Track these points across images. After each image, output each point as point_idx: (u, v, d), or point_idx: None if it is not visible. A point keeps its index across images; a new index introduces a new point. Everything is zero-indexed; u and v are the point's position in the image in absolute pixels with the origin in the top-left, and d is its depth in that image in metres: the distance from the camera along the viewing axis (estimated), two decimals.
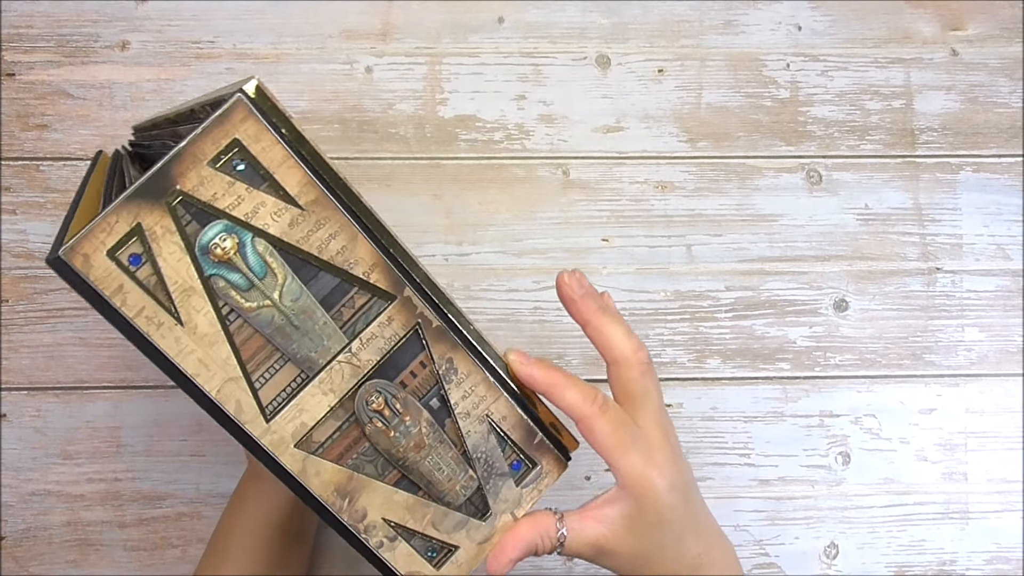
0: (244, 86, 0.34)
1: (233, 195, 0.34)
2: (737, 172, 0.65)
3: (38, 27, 0.63)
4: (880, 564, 0.63)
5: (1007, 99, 0.65)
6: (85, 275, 0.33)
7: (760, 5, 0.66)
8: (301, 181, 0.35)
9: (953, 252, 0.64)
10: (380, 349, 0.37)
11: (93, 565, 0.61)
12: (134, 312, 0.34)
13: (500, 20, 0.65)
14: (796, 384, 0.64)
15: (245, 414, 0.36)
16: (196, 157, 0.33)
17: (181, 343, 0.34)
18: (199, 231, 0.34)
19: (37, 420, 0.61)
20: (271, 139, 0.34)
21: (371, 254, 0.36)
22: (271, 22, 0.64)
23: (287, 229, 0.35)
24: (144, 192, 0.33)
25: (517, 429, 0.40)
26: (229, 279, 0.35)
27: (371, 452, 0.38)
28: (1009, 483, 0.63)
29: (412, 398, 0.38)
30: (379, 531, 0.38)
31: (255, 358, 0.36)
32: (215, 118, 0.33)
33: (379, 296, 0.37)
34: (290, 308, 0.36)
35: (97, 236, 0.33)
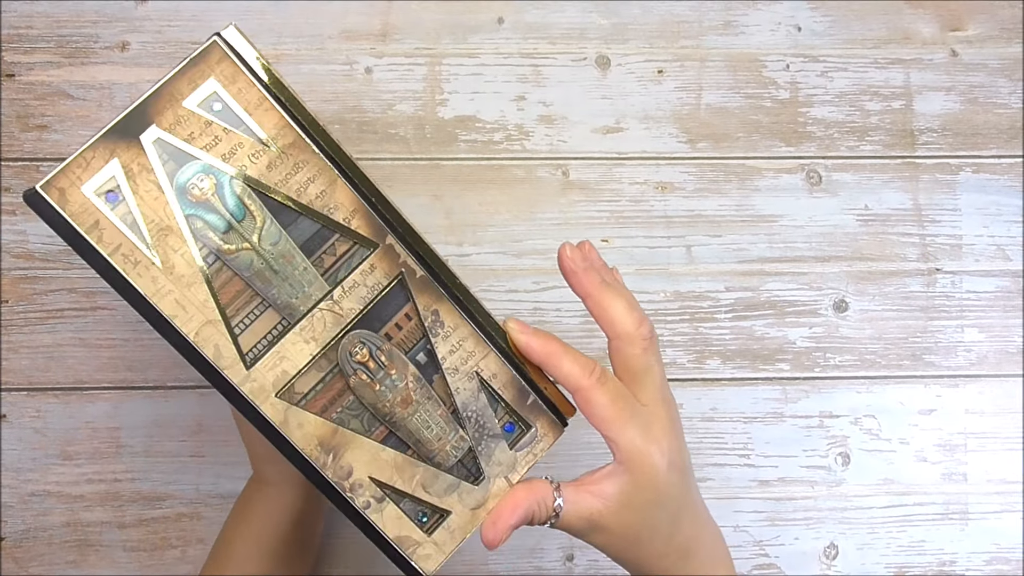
0: (222, 30, 0.34)
1: (210, 135, 0.34)
2: (737, 173, 0.65)
3: (38, 28, 0.63)
4: (880, 565, 0.63)
5: (1007, 100, 0.65)
6: (60, 209, 0.33)
7: (760, 6, 0.66)
8: (278, 124, 0.35)
9: (953, 253, 0.64)
10: (363, 298, 0.36)
11: (93, 566, 0.61)
12: (110, 249, 0.33)
13: (500, 21, 0.65)
14: (796, 385, 0.64)
15: (224, 359, 0.35)
16: (173, 96, 0.33)
17: (158, 283, 0.34)
18: (176, 171, 0.34)
19: (37, 421, 0.61)
20: (247, 80, 0.34)
21: (351, 200, 0.36)
22: (271, 22, 0.64)
23: (265, 171, 0.35)
24: (121, 130, 0.33)
25: (509, 388, 0.38)
26: (207, 220, 0.34)
27: (356, 406, 0.37)
28: (1009, 484, 0.63)
29: (398, 351, 0.37)
30: (366, 490, 0.37)
31: (235, 303, 0.35)
32: (191, 58, 0.33)
33: (361, 243, 0.36)
34: (269, 252, 0.35)
35: (73, 171, 0.33)
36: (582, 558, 0.62)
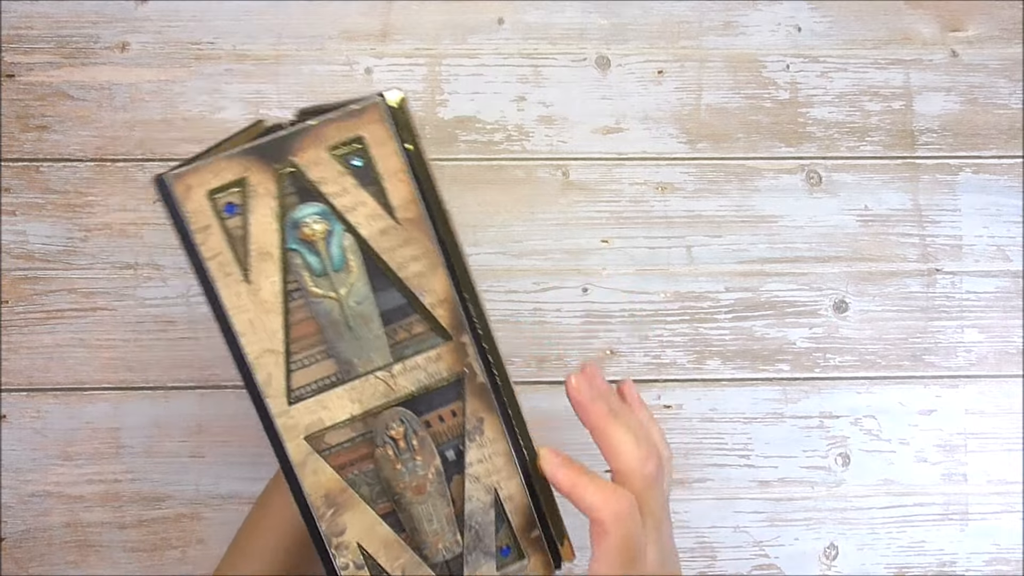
0: (387, 93, 0.35)
1: (339, 185, 0.35)
2: (737, 173, 0.65)
3: (38, 28, 0.63)
4: (880, 565, 0.63)
5: (1007, 100, 0.65)
6: (181, 203, 0.34)
7: (760, 6, 0.66)
8: (406, 197, 0.35)
9: (953, 253, 0.64)
10: (419, 381, 0.37)
11: (93, 566, 0.61)
12: (210, 254, 0.34)
13: (500, 21, 0.65)
14: (796, 385, 0.64)
15: (271, 388, 0.36)
16: (319, 139, 0.34)
17: (240, 299, 0.35)
18: (296, 205, 0.35)
19: (37, 421, 0.61)
20: (394, 148, 0.35)
21: (444, 289, 0.36)
22: (271, 23, 0.64)
23: (377, 235, 0.35)
24: (261, 151, 0.34)
25: (519, 515, 0.39)
26: (307, 259, 0.35)
27: (372, 475, 0.37)
28: (1009, 484, 0.63)
29: (431, 441, 0.37)
30: (349, 554, 0.37)
31: (301, 342, 0.36)
32: (349, 110, 0.34)
33: (437, 331, 0.37)
34: (352, 308, 0.36)
35: (206, 173, 0.34)
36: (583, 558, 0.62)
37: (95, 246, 0.62)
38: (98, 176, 0.63)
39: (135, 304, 0.62)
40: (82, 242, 0.62)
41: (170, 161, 0.63)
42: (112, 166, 0.63)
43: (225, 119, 0.63)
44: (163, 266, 0.62)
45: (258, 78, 0.64)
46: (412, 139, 0.35)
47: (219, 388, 0.62)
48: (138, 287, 0.62)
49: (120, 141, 0.63)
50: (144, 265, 0.62)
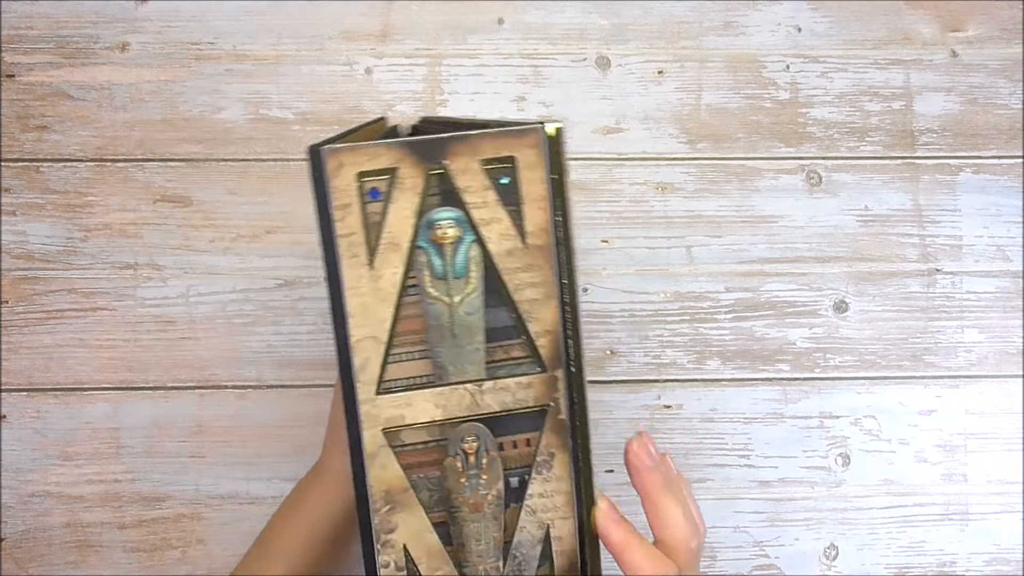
0: (547, 123, 0.36)
1: (481, 198, 0.36)
2: (737, 173, 0.65)
3: (38, 28, 0.63)
4: (880, 565, 0.63)
5: (1007, 100, 0.65)
6: (329, 178, 0.35)
7: (760, 6, 0.66)
8: (541, 225, 0.36)
9: (953, 253, 0.64)
10: (504, 403, 0.37)
11: (93, 566, 0.61)
12: (344, 232, 0.35)
13: (500, 21, 0.65)
14: (796, 385, 0.64)
15: (365, 374, 0.36)
16: (474, 149, 0.35)
17: (360, 282, 0.35)
18: (435, 207, 0.36)
19: (37, 421, 0.61)
20: (541, 176, 0.36)
21: (553, 321, 0.37)
22: (271, 23, 0.64)
23: (503, 254, 0.36)
24: (419, 148, 0.35)
25: (563, 557, 0.39)
26: (432, 260, 0.36)
27: (436, 483, 0.38)
28: (1009, 484, 0.63)
29: (499, 464, 0.38)
30: (393, 553, 0.38)
31: (404, 337, 0.36)
32: (510, 130, 0.35)
33: (535, 360, 0.37)
34: (460, 317, 0.36)
35: (360, 155, 0.35)
36: None
37: (95, 246, 0.62)
38: (98, 176, 0.63)
39: (135, 304, 0.62)
40: (82, 242, 0.62)
41: (170, 161, 0.63)
42: (112, 166, 0.63)
43: (225, 119, 0.63)
44: (163, 266, 0.62)
45: (258, 78, 0.64)
46: (560, 171, 0.36)
47: (219, 388, 0.62)
48: (138, 287, 0.62)
49: (120, 141, 0.63)
50: (144, 265, 0.62)
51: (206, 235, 0.63)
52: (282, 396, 0.62)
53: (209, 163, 0.63)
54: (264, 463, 0.62)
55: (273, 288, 0.62)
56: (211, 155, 0.63)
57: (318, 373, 0.62)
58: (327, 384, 0.62)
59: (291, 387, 0.62)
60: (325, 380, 0.62)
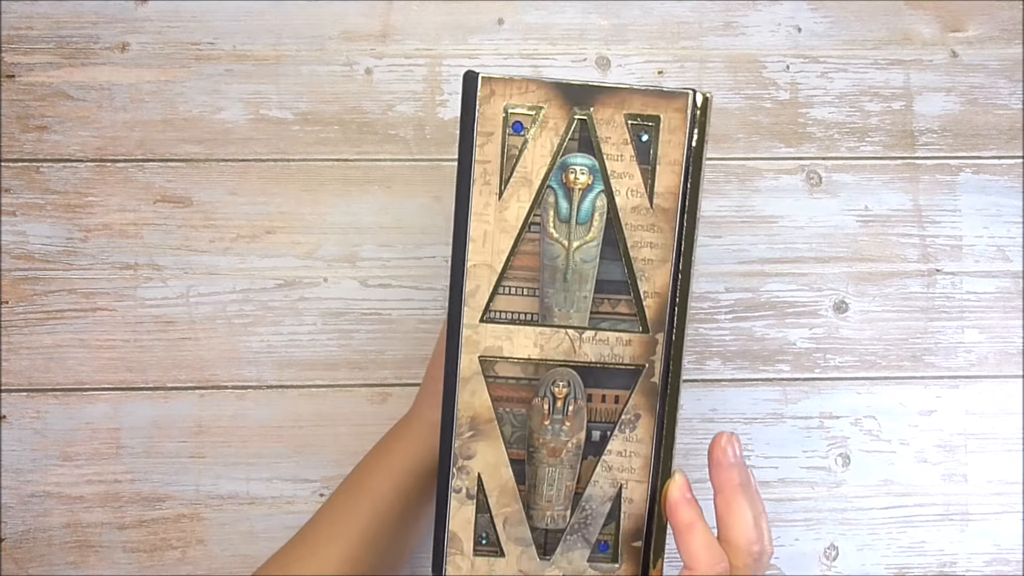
0: (699, 91, 0.36)
1: (618, 151, 0.36)
2: (737, 174, 0.65)
3: (38, 29, 0.63)
4: (880, 566, 0.63)
5: (1007, 101, 0.65)
6: (479, 104, 0.36)
7: (760, 7, 0.66)
8: (671, 188, 0.37)
9: (953, 254, 0.64)
10: (601, 355, 0.38)
11: (93, 567, 0.61)
12: (482, 158, 0.36)
13: (500, 22, 0.65)
14: (796, 386, 0.64)
15: (474, 300, 0.37)
16: (621, 103, 0.36)
17: (486, 209, 0.36)
18: (573, 151, 0.36)
19: (36, 422, 0.61)
20: (680, 140, 0.36)
21: (664, 285, 0.37)
22: (271, 23, 0.64)
23: (628, 210, 0.37)
24: (568, 91, 0.36)
25: (630, 520, 0.39)
26: (559, 202, 0.37)
27: (520, 420, 0.38)
28: (1009, 485, 0.63)
29: (585, 414, 0.38)
30: (467, 479, 0.38)
31: (518, 271, 0.37)
32: (661, 91, 0.36)
33: (639, 319, 0.38)
34: (575, 263, 0.37)
35: (512, 87, 0.36)
36: None
37: (95, 246, 0.62)
38: (98, 176, 0.63)
39: (135, 304, 0.62)
40: (82, 242, 0.62)
41: (170, 162, 0.63)
42: (112, 166, 0.63)
43: (225, 119, 0.63)
44: (163, 267, 0.62)
45: (258, 78, 0.64)
46: (700, 139, 0.36)
47: (219, 388, 0.62)
48: (138, 287, 0.62)
49: (120, 141, 0.63)
50: (144, 265, 0.62)
51: (206, 235, 0.63)
52: (282, 396, 0.62)
53: (209, 163, 0.63)
54: (264, 463, 0.62)
55: (273, 288, 0.62)
56: (211, 155, 0.63)
57: (318, 373, 0.62)
58: (327, 384, 0.62)
59: (291, 387, 0.62)
60: (325, 381, 0.62)
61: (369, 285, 0.63)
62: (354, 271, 0.63)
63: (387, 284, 0.63)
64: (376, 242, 0.63)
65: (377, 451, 0.53)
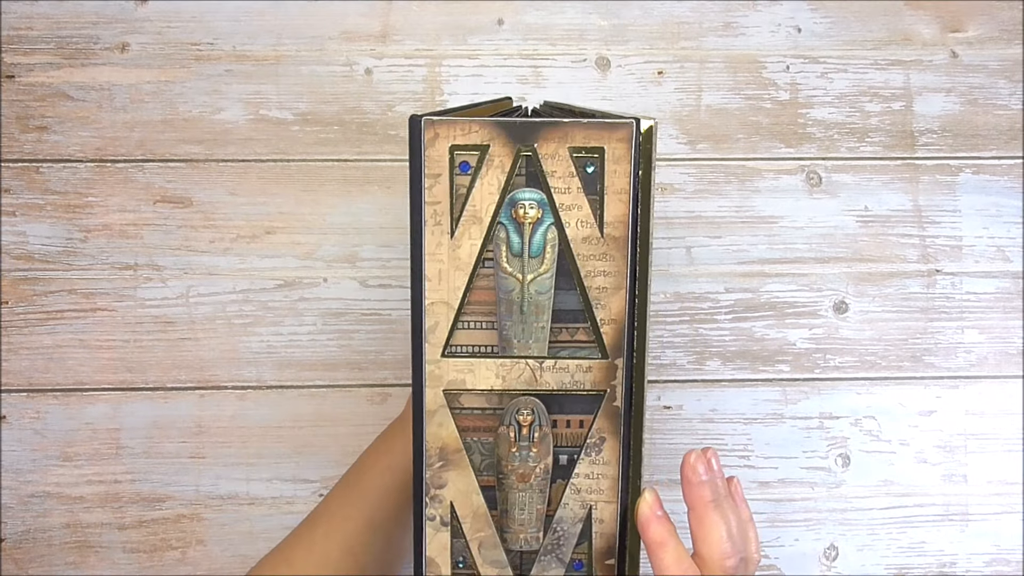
0: (642, 119, 0.37)
1: (565, 184, 0.37)
2: (737, 174, 0.65)
3: (38, 29, 0.63)
4: (880, 566, 0.63)
5: (1007, 101, 0.65)
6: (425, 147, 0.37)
7: (760, 7, 0.66)
8: (620, 217, 0.37)
9: (953, 254, 0.64)
10: (562, 383, 0.39)
11: (92, 567, 0.61)
12: (431, 200, 0.37)
13: (500, 22, 0.65)
14: (796, 386, 0.64)
15: (433, 336, 0.38)
16: (564, 137, 0.37)
17: (439, 249, 0.37)
18: (521, 186, 0.37)
19: (37, 422, 0.61)
20: (626, 169, 0.37)
21: (620, 311, 0.38)
22: (271, 24, 0.64)
23: (579, 241, 0.38)
24: (512, 129, 0.37)
25: (602, 539, 0.40)
26: (510, 236, 0.37)
27: (488, 448, 0.39)
28: (1009, 485, 0.63)
29: (551, 440, 0.39)
30: (439, 508, 0.39)
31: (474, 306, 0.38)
32: (603, 122, 0.37)
33: (597, 345, 0.38)
34: (530, 295, 0.38)
35: (456, 129, 0.37)
36: None
37: (95, 247, 0.62)
38: (98, 177, 0.63)
39: (135, 305, 0.62)
40: (82, 243, 0.62)
41: (170, 162, 0.63)
42: (112, 167, 0.63)
43: (225, 119, 0.63)
44: (163, 267, 0.62)
45: (258, 79, 0.64)
46: (647, 167, 0.37)
47: (219, 389, 0.62)
48: (138, 288, 0.62)
49: (120, 142, 0.63)
50: (144, 266, 0.62)
51: (206, 236, 0.63)
52: (282, 397, 0.62)
53: (209, 163, 0.63)
54: (264, 464, 0.62)
55: (273, 289, 0.62)
56: (211, 155, 0.63)
57: (318, 374, 0.62)
58: (327, 385, 0.62)
59: (291, 388, 0.62)
60: (325, 381, 0.62)
61: (369, 285, 0.63)
62: (354, 271, 0.63)
63: (387, 284, 0.63)
64: (376, 242, 0.63)
65: (373, 449, 0.53)
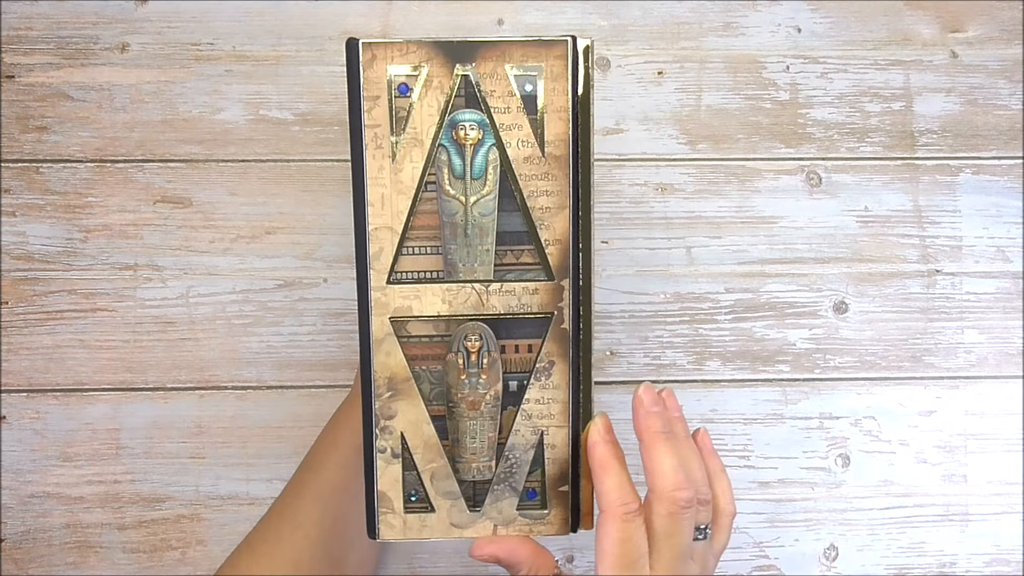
0: (580, 38, 0.37)
1: (504, 104, 0.37)
2: (737, 174, 0.65)
3: (37, 29, 0.63)
4: (880, 566, 0.63)
5: (1007, 101, 0.65)
6: (362, 68, 0.36)
7: (760, 7, 0.66)
8: (560, 135, 0.37)
9: (953, 254, 0.64)
10: (509, 306, 0.38)
11: (92, 567, 0.61)
12: (371, 123, 0.37)
13: (500, 22, 0.65)
14: (796, 386, 0.64)
15: (378, 263, 0.38)
16: (502, 55, 0.37)
17: (381, 173, 0.37)
18: (460, 108, 0.37)
19: (36, 422, 0.61)
20: (564, 87, 0.37)
21: (563, 231, 0.38)
22: (271, 24, 0.64)
23: (520, 161, 0.37)
24: (449, 49, 0.36)
25: (555, 465, 0.39)
26: (452, 159, 0.37)
27: (437, 377, 0.39)
28: (1009, 485, 0.63)
29: (500, 366, 0.39)
30: (390, 440, 0.39)
31: (419, 230, 0.38)
32: (541, 40, 0.36)
33: (543, 267, 0.38)
34: (474, 217, 0.38)
35: (393, 50, 0.36)
36: (582, 560, 0.62)
37: (95, 247, 0.62)
38: (98, 177, 0.63)
39: (135, 305, 0.62)
40: (82, 243, 0.62)
41: (170, 162, 0.63)
42: (112, 167, 0.63)
43: (225, 120, 0.63)
44: (163, 267, 0.62)
45: (258, 79, 0.64)
46: (585, 85, 0.37)
47: (219, 389, 0.62)
48: (138, 288, 0.62)
49: (120, 142, 0.63)
50: (144, 266, 0.62)
51: (206, 236, 0.63)
52: (282, 397, 0.62)
53: (209, 164, 0.63)
54: (264, 464, 0.62)
55: (273, 289, 0.62)
56: (211, 156, 0.63)
57: (318, 374, 0.62)
58: (327, 385, 0.62)
59: (291, 388, 0.62)
60: (325, 381, 0.62)
61: None
62: (354, 271, 0.63)
63: None
64: None
65: (327, 433, 0.53)
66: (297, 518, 0.50)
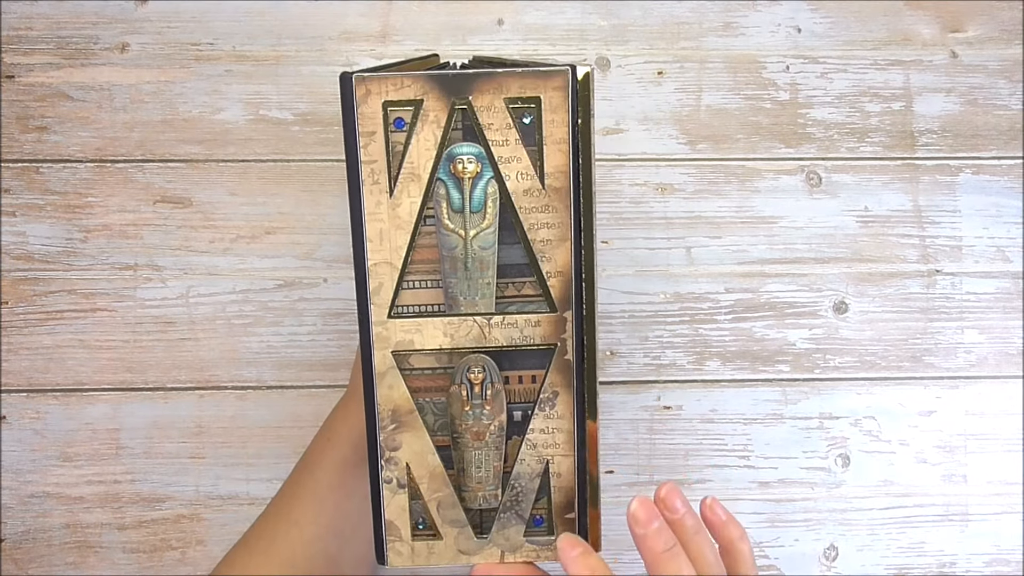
0: (578, 66, 0.36)
1: (503, 136, 0.36)
2: (737, 174, 0.65)
3: (37, 29, 0.63)
4: (880, 566, 0.63)
5: (1007, 101, 0.65)
6: (357, 104, 0.36)
7: (759, 7, 0.66)
8: (560, 167, 0.37)
9: (953, 254, 0.64)
10: (511, 338, 0.38)
11: (92, 567, 0.61)
12: (367, 159, 0.36)
13: (499, 22, 0.65)
14: (796, 386, 0.64)
15: (378, 297, 0.38)
16: (500, 87, 0.36)
17: (379, 208, 0.37)
18: (458, 141, 0.37)
19: (36, 422, 0.61)
20: (564, 118, 0.36)
21: (565, 263, 0.38)
22: (271, 24, 0.64)
23: (520, 193, 0.37)
24: (445, 83, 0.36)
25: (561, 493, 0.40)
26: (450, 192, 0.37)
27: (441, 408, 0.39)
28: (1009, 485, 0.63)
29: (504, 396, 0.39)
30: (396, 470, 0.39)
31: (418, 264, 0.38)
32: (537, 71, 0.36)
33: (545, 299, 0.38)
34: (474, 251, 0.37)
35: (387, 85, 0.36)
36: None
37: (95, 247, 0.62)
38: (98, 177, 0.63)
39: (135, 305, 0.62)
40: (82, 243, 0.62)
41: (170, 162, 0.63)
42: (112, 167, 0.63)
43: (225, 120, 0.63)
44: (163, 267, 0.62)
45: (258, 79, 0.64)
46: (585, 116, 0.36)
47: (219, 389, 0.62)
48: (138, 288, 0.62)
49: (120, 142, 0.63)
50: (144, 266, 0.62)
51: (206, 236, 0.63)
52: (282, 397, 0.62)
53: (209, 164, 0.63)
54: (264, 464, 0.62)
55: (273, 289, 0.62)
56: (211, 156, 0.63)
57: (318, 374, 0.62)
58: (327, 385, 0.62)
59: (291, 388, 0.62)
60: (325, 381, 0.62)
61: None
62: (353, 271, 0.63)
63: None
64: None
65: (320, 433, 0.53)
66: (293, 517, 0.50)
